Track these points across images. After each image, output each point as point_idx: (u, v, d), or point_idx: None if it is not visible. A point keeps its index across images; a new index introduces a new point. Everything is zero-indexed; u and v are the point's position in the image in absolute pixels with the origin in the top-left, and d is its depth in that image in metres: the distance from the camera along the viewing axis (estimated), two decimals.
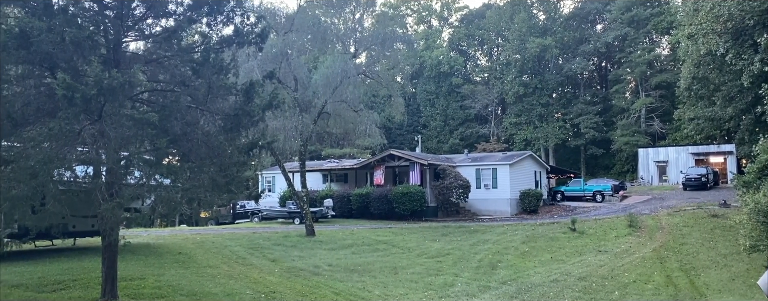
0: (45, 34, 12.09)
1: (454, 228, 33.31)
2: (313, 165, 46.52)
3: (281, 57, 29.38)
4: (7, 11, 13.92)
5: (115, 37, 14.53)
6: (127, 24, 14.60)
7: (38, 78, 13.74)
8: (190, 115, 14.24)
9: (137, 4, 14.62)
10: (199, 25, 15.06)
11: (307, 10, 32.94)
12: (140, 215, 15.07)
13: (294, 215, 35.91)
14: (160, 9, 14.73)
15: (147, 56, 15.01)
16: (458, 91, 74.44)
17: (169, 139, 13.23)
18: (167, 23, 14.97)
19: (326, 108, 31.58)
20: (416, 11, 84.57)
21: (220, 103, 14.71)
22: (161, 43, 14.55)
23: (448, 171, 39.23)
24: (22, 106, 12.74)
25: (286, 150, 34.84)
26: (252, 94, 14.64)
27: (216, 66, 14.10)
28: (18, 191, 12.04)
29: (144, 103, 14.77)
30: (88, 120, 12.59)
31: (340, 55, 33.50)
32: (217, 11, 14.68)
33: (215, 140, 14.54)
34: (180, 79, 14.30)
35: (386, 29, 38.01)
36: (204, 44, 14.61)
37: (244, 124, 14.90)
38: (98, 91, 11.60)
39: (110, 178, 13.38)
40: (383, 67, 42.41)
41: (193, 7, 14.60)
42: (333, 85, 30.92)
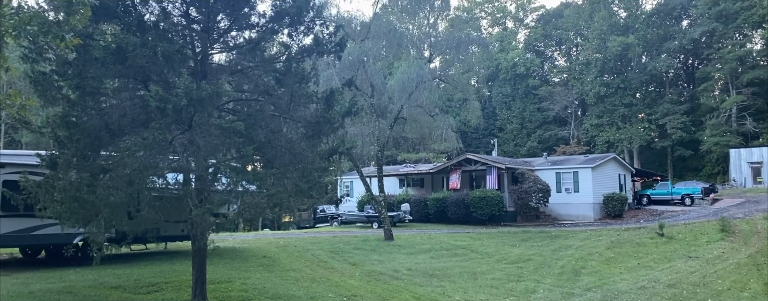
0: (139, 49, 12.78)
1: (535, 233, 32.66)
2: (389, 170, 46.81)
3: (358, 64, 29.79)
4: (105, 28, 14.82)
5: (202, 49, 15.18)
6: (213, 37, 15.22)
7: (132, 91, 14.55)
8: (274, 124, 14.66)
9: (222, 17, 15.22)
10: (280, 35, 15.52)
11: (381, 17, 33.26)
12: (227, 220, 15.65)
13: (372, 220, 36.25)
14: (244, 21, 15.28)
15: (232, 67, 15.59)
16: (535, 93, 73.03)
17: (255, 147, 13.67)
18: (250, 35, 15.51)
19: (402, 113, 31.73)
20: (490, 13, 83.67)
21: (301, 111, 15.07)
22: (245, 55, 15.07)
23: (527, 175, 38.52)
24: (118, 118, 13.51)
25: (363, 155, 35.30)
26: (332, 102, 14.93)
27: (298, 75, 14.46)
28: (116, 198, 12.75)
29: (230, 112, 15.34)
30: (179, 130, 13.20)
31: (414, 60, 33.60)
32: (298, 22, 15.06)
33: (297, 147, 14.90)
34: (264, 89, 14.75)
35: (460, 33, 37.78)
36: (286, 54, 15.03)
37: (325, 131, 15.20)
38: (188, 102, 12.14)
39: (199, 185, 13.97)
40: (458, 70, 42.22)
41: (275, 19, 15.05)
42: (408, 90, 31.05)
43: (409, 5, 34.71)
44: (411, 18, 39.52)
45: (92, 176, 12.85)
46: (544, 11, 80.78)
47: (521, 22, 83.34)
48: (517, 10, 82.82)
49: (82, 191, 12.53)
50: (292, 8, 14.78)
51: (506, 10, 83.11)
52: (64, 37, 8.31)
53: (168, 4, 14.74)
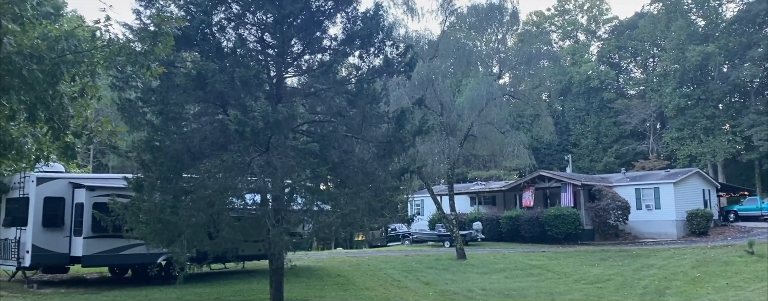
0: (218, 75, 13.32)
1: (614, 252, 31.49)
2: (460, 188, 46.40)
3: (427, 83, 29.86)
4: (185, 55, 15.54)
5: (276, 73, 15.66)
6: (287, 61, 15.69)
7: (212, 115, 15.14)
8: (347, 144, 14.90)
9: (295, 41, 15.68)
10: (352, 57, 15.82)
11: (449, 35, 33.29)
12: (302, 240, 15.94)
13: (444, 238, 35.95)
14: (316, 45, 15.68)
15: (305, 90, 15.99)
16: (610, 106, 70.87)
17: (329, 167, 13.92)
18: (323, 58, 15.89)
19: (472, 131, 31.51)
20: (561, 27, 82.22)
21: (373, 131, 15.25)
22: (318, 77, 15.44)
23: (604, 192, 37.31)
24: (199, 141, 14.08)
25: (433, 174, 35.16)
26: (403, 122, 15.03)
27: (369, 96, 14.67)
28: (197, 219, 13.24)
29: (304, 133, 15.69)
30: (256, 152, 13.61)
31: (483, 76, 33.38)
32: (369, 44, 15.32)
33: (370, 167, 15.06)
34: (336, 110, 15.03)
35: (530, 47, 37.30)
36: (357, 76, 15.30)
37: (396, 150, 15.31)
38: (265, 125, 12.53)
39: (276, 205, 14.32)
40: (528, 86, 41.60)
41: (346, 42, 15.37)
42: (478, 107, 30.82)
43: (477, 22, 34.59)
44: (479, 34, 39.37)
45: (175, 197, 13.39)
46: (617, 22, 78.66)
47: (593, 34, 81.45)
48: (588, 22, 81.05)
49: (166, 213, 13.07)
50: (363, 31, 15.05)
51: (577, 22, 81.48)
52: (149, 66, 8.75)
53: (244, 31, 15.32)
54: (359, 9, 15.57)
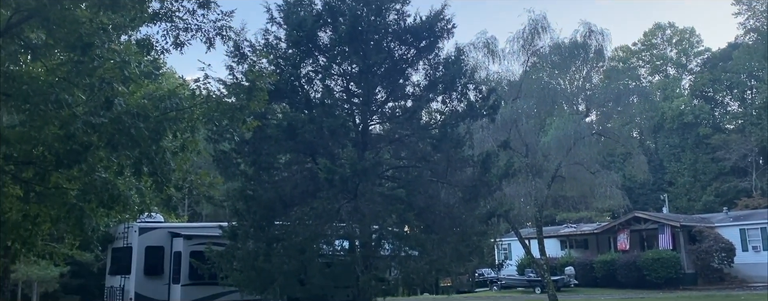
0: (307, 125, 13.80)
1: (720, 298, 29.39)
2: (549, 231, 45.00)
3: (510, 124, 29.54)
4: (275, 107, 16.19)
5: (362, 121, 16.02)
6: (371, 109, 16.03)
7: (301, 164, 15.60)
8: (432, 189, 14.92)
9: (379, 89, 16.04)
10: (435, 102, 15.99)
11: (531, 74, 32.96)
12: (390, 285, 15.89)
13: (534, 284, 34.82)
14: (399, 92, 15.97)
15: (390, 136, 16.23)
16: (707, 142, 67.30)
17: (415, 213, 13.95)
18: (406, 104, 16.14)
19: (560, 171, 30.69)
20: (649, 61, 79.70)
21: (458, 175, 15.21)
22: (402, 123, 15.66)
23: (706, 233, 35.14)
24: (290, 190, 14.51)
25: (520, 217, 34.34)
26: (488, 165, 14.92)
27: (453, 140, 14.72)
28: (289, 266, 13.53)
29: (389, 179, 15.85)
30: (344, 199, 13.86)
31: (569, 115, 32.66)
32: (451, 89, 15.46)
33: (456, 211, 14.98)
34: (421, 155, 15.14)
35: (617, 84, 36.31)
36: (441, 121, 15.41)
37: (482, 194, 15.17)
38: (353, 172, 12.78)
39: (365, 251, 14.43)
40: (617, 123, 40.23)
41: (428, 88, 15.58)
42: (565, 147, 30.06)
43: (560, 60, 34.09)
44: (562, 73, 38.76)
45: (267, 245, 13.78)
46: (709, 55, 75.40)
47: (684, 67, 78.34)
48: (678, 55, 78.16)
49: (259, 260, 13.44)
50: (445, 76, 15.23)
51: (666, 56, 78.74)
52: (245, 120, 9.21)
53: (331, 82, 15.86)
54: (441, 55, 15.80)
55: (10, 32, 8.31)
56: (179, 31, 9.89)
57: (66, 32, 8.22)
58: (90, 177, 9.11)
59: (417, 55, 15.55)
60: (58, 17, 8.00)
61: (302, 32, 15.01)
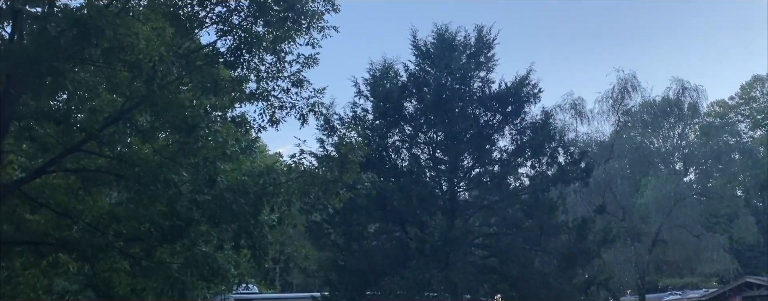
0: (396, 194, 13.89)
1: None
2: (652, 298, 42.20)
3: (604, 186, 28.54)
4: (364, 177, 16.43)
5: (449, 188, 15.96)
6: (458, 175, 15.98)
7: (391, 233, 15.62)
8: (525, 257, 14.48)
9: (465, 156, 16.02)
10: (523, 167, 15.76)
11: (622, 134, 31.99)
12: None
13: None
14: (486, 158, 15.88)
15: (479, 202, 16.03)
16: None
17: (509, 283, 13.53)
18: (494, 170, 15.98)
19: (660, 235, 29.07)
20: (748, 116, 75.57)
21: (552, 242, 14.72)
22: (491, 189, 15.47)
23: None
24: (381, 259, 14.49)
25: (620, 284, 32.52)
26: (585, 231, 14.39)
27: (545, 206, 14.37)
28: None
29: (480, 247, 15.55)
30: (435, 268, 13.66)
31: (666, 175, 31.19)
32: (540, 153, 15.22)
33: (552, 280, 14.40)
34: (511, 222, 14.82)
35: (716, 140, 34.56)
36: (531, 186, 15.11)
37: (580, 261, 14.59)
38: (443, 241, 12.64)
39: None
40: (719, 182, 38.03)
41: (516, 153, 15.42)
42: (665, 209, 28.57)
43: (652, 118, 33.01)
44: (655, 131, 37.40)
45: None
46: None
47: None
48: None
49: None
50: (533, 141, 15.06)
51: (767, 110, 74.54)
52: (338, 192, 9.38)
53: (417, 150, 16.02)
54: (527, 119, 15.69)
55: (123, 118, 8.98)
56: (275, 109, 10.35)
57: (172, 115, 8.78)
58: (192, 251, 9.45)
59: (503, 120, 15.52)
60: (166, 102, 8.58)
61: (389, 103, 15.38)
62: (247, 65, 9.81)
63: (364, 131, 15.60)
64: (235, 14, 9.71)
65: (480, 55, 15.43)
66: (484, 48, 15.46)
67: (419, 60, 15.86)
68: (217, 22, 9.79)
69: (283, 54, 10.15)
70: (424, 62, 15.78)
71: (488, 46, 15.50)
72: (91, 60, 7.40)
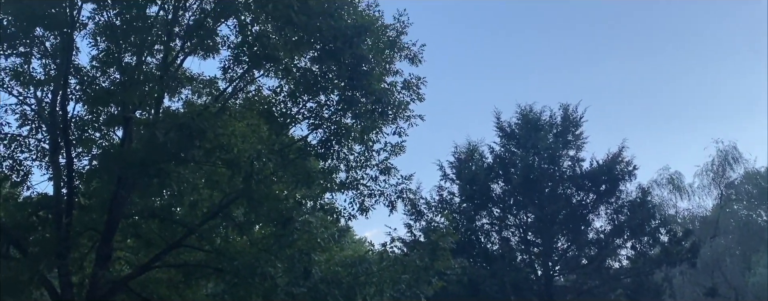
0: (488, 280, 13.45)
1: None
2: None
3: (712, 266, 26.55)
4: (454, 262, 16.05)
5: (544, 272, 15.32)
6: (553, 259, 15.36)
7: None
8: None
9: (559, 238, 15.44)
10: (623, 249, 14.97)
11: (725, 208, 29.98)
12: None
13: None
14: (582, 239, 15.23)
15: (577, 287, 15.25)
16: None
17: None
18: (590, 252, 15.27)
19: None
20: None
21: None
22: (589, 273, 14.73)
23: None
24: None
25: None
26: None
27: (650, 290, 13.49)
28: None
29: None
30: None
31: None
32: (640, 233, 14.49)
33: None
34: None
35: None
36: (633, 269, 14.29)
37: None
38: None
39: None
40: None
41: (614, 233, 14.73)
42: None
43: (758, 191, 30.88)
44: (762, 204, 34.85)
45: None
46: None
47: None
48: None
49: None
50: (632, 220, 14.41)
51: None
52: (430, 281, 9.17)
53: (507, 233, 15.61)
54: (623, 198, 15.06)
55: (221, 212, 9.31)
56: (364, 198, 10.43)
57: (267, 208, 9.02)
58: None
59: (597, 199, 14.97)
60: (261, 195, 8.85)
61: (475, 186, 15.23)
62: (336, 156, 10.02)
63: (451, 215, 15.42)
64: (326, 108, 10.08)
65: (567, 133, 15.19)
66: (572, 126, 15.21)
67: (504, 141, 15.77)
68: (309, 117, 10.18)
69: (371, 143, 10.34)
70: (509, 143, 15.67)
71: (575, 124, 15.25)
72: (193, 160, 7.80)
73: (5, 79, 9.19)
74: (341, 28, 8.70)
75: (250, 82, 10.63)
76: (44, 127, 9.36)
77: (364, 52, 9.32)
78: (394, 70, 10.05)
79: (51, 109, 9.24)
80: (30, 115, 9.49)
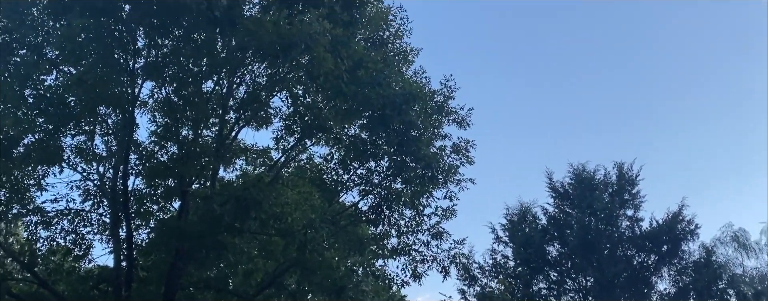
0: None
1: None
2: None
3: None
4: None
5: None
6: None
7: None
8: None
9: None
10: None
11: None
12: None
13: None
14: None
15: None
16: None
17: None
18: None
19: None
20: None
21: None
22: None
23: None
24: None
25: None
26: None
27: None
28: None
29: None
30: None
31: None
32: (707, 294, 13.80)
33: None
34: None
35: None
36: None
37: None
38: None
39: None
40: None
41: (679, 296, 14.07)
42: None
43: None
44: None
45: None
46: None
47: None
48: None
49: None
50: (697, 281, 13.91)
51: None
52: None
53: (566, 298, 15.03)
54: (686, 258, 14.42)
55: (275, 282, 9.31)
56: (417, 263, 10.29)
57: (321, 277, 8.97)
58: None
59: (659, 260, 14.38)
60: (314, 264, 8.83)
61: (530, 249, 14.86)
62: (387, 221, 9.99)
63: (507, 280, 15.01)
64: (376, 174, 10.13)
65: (623, 192, 14.79)
66: (627, 185, 14.82)
67: (558, 201, 15.44)
68: (359, 183, 10.24)
69: (421, 208, 10.28)
70: (563, 204, 15.33)
71: (631, 182, 14.86)
72: (249, 231, 7.89)
73: (71, 156, 9.58)
74: (390, 96, 8.85)
75: (301, 150, 10.85)
76: (105, 201, 9.65)
77: (413, 118, 9.41)
78: (443, 134, 10.11)
79: (112, 184, 9.56)
80: (92, 190, 9.83)
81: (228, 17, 8.02)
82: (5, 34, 8.68)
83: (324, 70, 7.91)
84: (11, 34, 8.66)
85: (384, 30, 10.22)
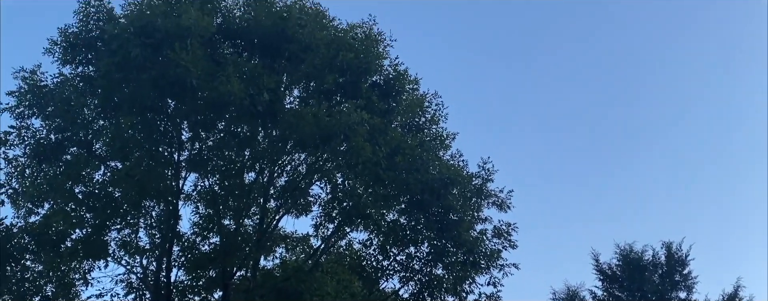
0: None
1: None
2: None
3: None
4: None
5: None
6: None
7: None
8: None
9: None
10: None
11: None
12: None
13: None
14: None
15: None
16: None
17: None
18: None
19: None
20: None
21: None
22: None
23: None
24: None
25: None
26: None
27: None
28: None
29: None
30: None
31: None
32: None
33: None
34: None
35: None
36: None
37: None
38: None
39: None
40: None
41: None
42: None
43: None
44: None
45: None
46: None
47: None
48: None
49: None
50: None
51: None
52: None
53: None
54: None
55: None
56: None
57: None
58: None
59: None
60: None
61: None
62: None
63: None
64: (416, 260, 9.96)
65: (674, 273, 14.15)
66: (677, 265, 14.20)
67: (606, 284, 14.81)
68: (399, 270, 10.06)
69: (464, 294, 10.01)
70: (612, 286, 14.70)
71: (681, 263, 14.23)
72: None
73: (116, 250, 9.67)
74: (428, 181, 8.87)
75: (341, 237, 10.77)
76: (148, 294, 9.64)
77: (452, 202, 9.36)
78: (483, 217, 9.97)
79: (155, 277, 9.58)
80: (135, 283, 9.85)
81: (270, 110, 8.27)
82: (58, 133, 9.09)
83: (363, 158, 8.01)
84: (64, 133, 9.06)
85: (420, 116, 10.35)
